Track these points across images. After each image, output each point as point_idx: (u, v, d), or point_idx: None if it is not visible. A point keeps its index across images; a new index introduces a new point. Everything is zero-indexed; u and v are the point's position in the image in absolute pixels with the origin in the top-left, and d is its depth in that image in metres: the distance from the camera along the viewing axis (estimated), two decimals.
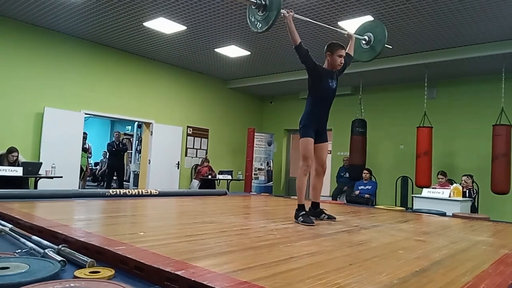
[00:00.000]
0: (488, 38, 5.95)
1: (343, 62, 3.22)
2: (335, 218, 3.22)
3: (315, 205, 3.25)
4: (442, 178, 6.34)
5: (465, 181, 6.23)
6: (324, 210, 3.25)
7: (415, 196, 6.06)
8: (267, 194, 7.05)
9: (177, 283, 1.30)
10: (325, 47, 3.26)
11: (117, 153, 8.98)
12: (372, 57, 3.76)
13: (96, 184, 11.65)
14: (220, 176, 8.58)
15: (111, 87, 7.67)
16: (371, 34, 3.71)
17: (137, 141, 10.44)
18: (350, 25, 5.70)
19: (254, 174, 9.63)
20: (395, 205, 7.45)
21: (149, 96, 8.31)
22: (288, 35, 3.20)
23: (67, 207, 3.31)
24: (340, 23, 5.66)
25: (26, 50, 6.51)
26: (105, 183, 9.63)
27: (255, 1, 3.03)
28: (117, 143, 9.00)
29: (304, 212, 2.97)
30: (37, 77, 6.62)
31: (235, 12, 5.52)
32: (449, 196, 5.61)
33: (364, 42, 3.71)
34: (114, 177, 9.15)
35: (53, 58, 6.82)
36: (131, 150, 11.06)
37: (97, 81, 7.45)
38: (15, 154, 5.64)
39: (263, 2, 3.02)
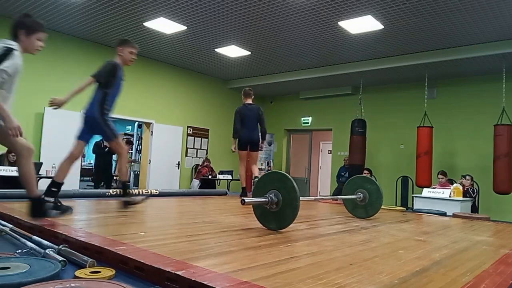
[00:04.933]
0: (488, 38, 5.95)
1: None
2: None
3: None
4: (442, 178, 6.34)
5: (461, 182, 6.23)
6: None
7: (415, 196, 6.06)
8: None
9: (178, 283, 1.30)
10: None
11: (104, 154, 8.03)
12: (368, 216, 3.47)
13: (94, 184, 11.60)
14: (221, 176, 8.59)
15: None
16: (365, 192, 3.42)
17: (137, 141, 10.44)
18: (351, 25, 5.71)
19: None
20: (396, 205, 7.45)
21: (149, 96, 8.31)
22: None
23: None
24: (340, 23, 5.66)
25: None
26: (103, 183, 9.05)
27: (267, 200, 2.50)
28: (104, 143, 7.75)
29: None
30: (37, 77, 6.62)
31: (236, 12, 5.52)
32: (450, 196, 5.62)
33: (358, 199, 3.48)
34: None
35: (52, 58, 6.81)
36: (132, 150, 11.06)
37: None
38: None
39: (275, 199, 2.48)
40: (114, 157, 9.07)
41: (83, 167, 10.15)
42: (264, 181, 2.60)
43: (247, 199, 2.46)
